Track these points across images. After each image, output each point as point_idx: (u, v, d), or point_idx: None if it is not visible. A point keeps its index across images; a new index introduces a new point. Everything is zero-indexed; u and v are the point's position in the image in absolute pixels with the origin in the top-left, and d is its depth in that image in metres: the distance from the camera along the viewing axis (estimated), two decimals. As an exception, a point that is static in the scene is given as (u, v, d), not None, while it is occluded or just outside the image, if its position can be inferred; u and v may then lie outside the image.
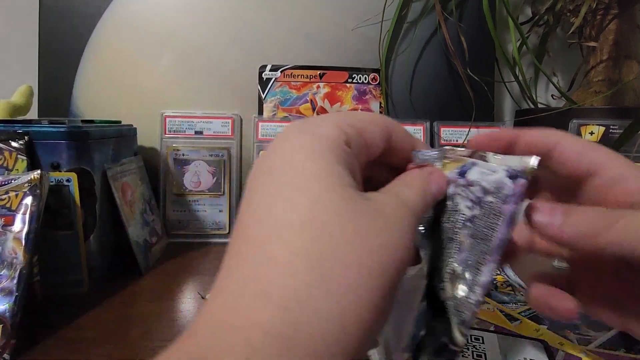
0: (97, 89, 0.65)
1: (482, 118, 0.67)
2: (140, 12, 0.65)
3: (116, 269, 0.50)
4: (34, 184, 0.38)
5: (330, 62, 0.67)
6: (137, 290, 0.46)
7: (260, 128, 0.64)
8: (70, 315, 0.39)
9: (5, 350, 0.32)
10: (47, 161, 0.43)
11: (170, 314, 0.41)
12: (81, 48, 0.64)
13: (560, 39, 0.74)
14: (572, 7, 0.61)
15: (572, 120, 0.54)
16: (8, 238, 0.36)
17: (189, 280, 0.49)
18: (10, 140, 0.42)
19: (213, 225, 0.64)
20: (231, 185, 0.64)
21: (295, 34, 0.66)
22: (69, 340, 0.36)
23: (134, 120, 0.61)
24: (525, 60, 0.74)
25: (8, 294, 0.34)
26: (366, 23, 0.66)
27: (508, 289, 0.44)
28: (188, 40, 0.65)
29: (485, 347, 0.33)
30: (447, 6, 0.65)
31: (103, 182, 0.48)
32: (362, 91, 0.67)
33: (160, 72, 0.65)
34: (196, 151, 0.64)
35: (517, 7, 0.71)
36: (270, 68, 0.66)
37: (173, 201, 0.63)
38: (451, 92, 0.68)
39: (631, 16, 0.58)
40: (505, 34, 0.72)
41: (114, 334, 0.37)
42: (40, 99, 0.64)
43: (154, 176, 0.63)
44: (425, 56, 0.68)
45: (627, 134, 0.36)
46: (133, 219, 0.52)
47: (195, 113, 0.64)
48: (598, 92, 0.58)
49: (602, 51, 0.59)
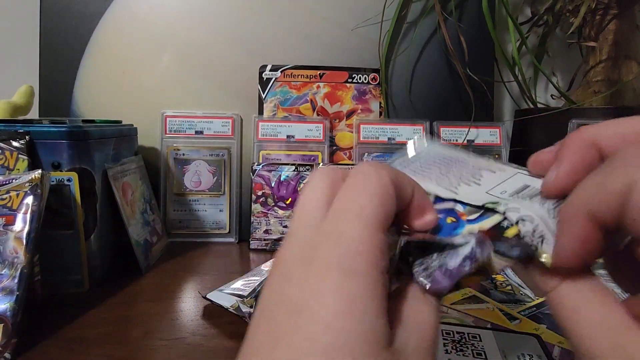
0: (98, 89, 0.65)
1: (481, 118, 0.67)
2: (141, 12, 0.65)
3: (116, 269, 0.50)
4: (34, 184, 0.38)
5: (330, 62, 0.67)
6: (137, 290, 0.46)
7: (261, 128, 0.65)
8: (70, 315, 0.39)
9: (6, 349, 0.32)
10: (48, 161, 0.43)
11: (170, 313, 0.41)
12: (82, 48, 0.64)
13: (559, 39, 0.74)
14: (571, 7, 0.61)
15: (571, 120, 0.54)
16: (9, 237, 0.36)
17: (189, 279, 0.49)
18: (11, 140, 0.42)
19: (213, 224, 0.64)
20: (231, 185, 0.64)
21: (295, 34, 0.66)
22: (69, 339, 0.36)
23: (134, 120, 0.61)
24: (524, 60, 0.75)
25: (9, 293, 0.34)
26: (366, 23, 0.66)
27: (507, 288, 0.44)
28: (188, 40, 0.65)
29: (484, 345, 0.33)
30: (447, 6, 0.65)
31: (104, 181, 0.48)
32: (362, 91, 0.67)
33: (160, 72, 0.65)
34: (196, 151, 0.64)
35: (516, 7, 0.71)
36: (271, 68, 0.66)
37: (173, 201, 0.63)
38: (451, 92, 0.68)
39: (631, 16, 0.58)
40: (504, 34, 0.72)
41: (114, 333, 0.37)
42: (41, 98, 0.64)
43: (155, 176, 0.63)
44: (425, 56, 0.68)
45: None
46: (133, 218, 0.52)
47: (196, 113, 0.65)
48: (597, 92, 0.58)
49: (602, 51, 0.59)
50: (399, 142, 0.66)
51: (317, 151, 0.65)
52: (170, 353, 0.34)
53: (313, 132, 0.65)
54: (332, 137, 0.67)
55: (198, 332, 0.37)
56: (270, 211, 0.60)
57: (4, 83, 0.70)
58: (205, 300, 0.41)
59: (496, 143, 0.66)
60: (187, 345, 0.35)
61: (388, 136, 0.66)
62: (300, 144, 0.65)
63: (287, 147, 0.65)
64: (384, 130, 0.66)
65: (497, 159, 0.22)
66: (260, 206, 0.60)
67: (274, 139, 0.65)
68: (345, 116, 0.67)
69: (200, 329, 0.38)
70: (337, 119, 0.67)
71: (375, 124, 0.66)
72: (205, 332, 0.37)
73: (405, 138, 0.66)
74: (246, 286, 0.41)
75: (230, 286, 0.43)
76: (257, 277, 0.43)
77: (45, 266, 0.40)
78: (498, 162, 0.24)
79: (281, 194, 0.60)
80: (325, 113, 0.67)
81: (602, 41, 0.59)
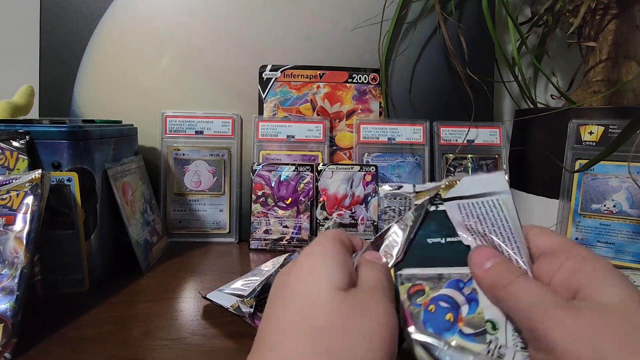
0: (98, 89, 0.65)
1: (481, 118, 0.67)
2: (141, 13, 0.65)
3: (116, 269, 0.50)
4: (35, 184, 0.38)
5: (330, 62, 0.67)
6: (137, 290, 0.46)
7: (261, 128, 0.65)
8: (71, 315, 0.39)
9: (7, 349, 0.32)
10: (48, 161, 0.43)
11: (170, 313, 0.41)
12: (82, 48, 0.64)
13: (559, 39, 0.74)
14: (571, 7, 0.61)
15: (571, 120, 0.54)
16: (9, 237, 0.36)
17: (189, 279, 0.49)
18: (12, 139, 0.42)
19: (213, 224, 0.64)
20: (231, 185, 0.64)
21: (295, 34, 0.66)
22: (69, 339, 0.36)
23: (134, 120, 0.61)
24: (524, 61, 0.75)
25: (9, 293, 0.34)
26: (366, 23, 0.66)
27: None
28: (188, 40, 0.65)
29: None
30: (447, 6, 0.65)
31: (104, 181, 0.48)
32: (362, 91, 0.67)
33: (160, 72, 0.65)
34: (196, 151, 0.64)
35: (516, 8, 0.71)
36: (271, 68, 0.66)
37: (173, 201, 0.63)
38: (451, 92, 0.68)
39: (630, 16, 0.58)
40: (504, 34, 0.72)
41: (114, 333, 0.37)
42: (41, 98, 0.64)
43: (155, 176, 0.63)
44: (425, 56, 0.68)
45: (625, 133, 0.36)
46: (134, 218, 0.52)
47: (196, 113, 0.65)
48: (597, 92, 0.58)
49: (602, 51, 0.59)
50: (399, 142, 0.66)
51: (317, 151, 0.65)
52: (170, 353, 0.34)
53: (313, 132, 0.65)
54: (332, 137, 0.67)
55: (198, 332, 0.37)
56: (270, 211, 0.60)
57: (4, 83, 0.70)
58: (206, 300, 0.41)
59: (496, 143, 0.66)
60: (187, 345, 0.35)
61: (388, 136, 0.66)
62: (300, 144, 0.65)
63: (287, 147, 0.65)
64: (384, 130, 0.66)
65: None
66: (260, 206, 0.60)
67: (274, 139, 0.65)
68: (345, 116, 0.67)
69: (200, 328, 0.38)
70: (337, 119, 0.67)
71: (375, 124, 0.66)
72: (205, 332, 0.37)
73: (406, 138, 0.66)
74: (246, 286, 0.41)
75: (230, 286, 0.43)
76: (257, 277, 0.43)
77: (46, 266, 0.40)
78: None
79: (281, 194, 0.60)
80: (325, 113, 0.67)
81: (602, 41, 0.59)
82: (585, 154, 0.53)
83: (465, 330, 0.22)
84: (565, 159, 0.55)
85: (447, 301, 0.23)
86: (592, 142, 0.53)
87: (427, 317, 0.23)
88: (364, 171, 0.61)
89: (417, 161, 0.66)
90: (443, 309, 0.23)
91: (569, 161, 0.54)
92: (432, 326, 0.22)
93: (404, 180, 0.65)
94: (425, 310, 0.23)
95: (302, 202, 0.60)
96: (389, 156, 0.66)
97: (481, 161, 0.66)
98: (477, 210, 0.23)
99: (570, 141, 0.54)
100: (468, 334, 0.22)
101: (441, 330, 0.22)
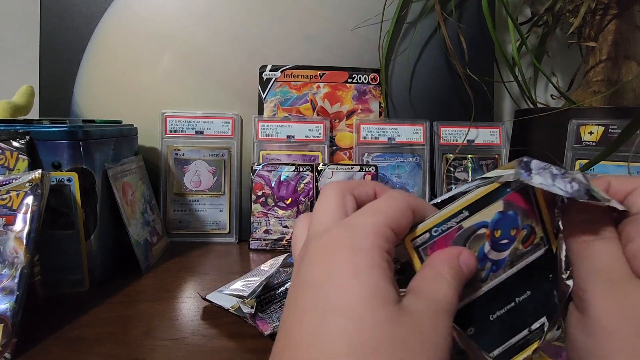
0: (98, 89, 0.65)
1: (481, 118, 0.67)
2: (141, 13, 0.65)
3: (117, 269, 0.50)
4: (35, 184, 0.38)
5: (330, 62, 0.67)
6: (137, 290, 0.46)
7: (261, 128, 0.65)
8: (71, 315, 0.39)
9: (7, 349, 0.32)
10: (48, 161, 0.43)
11: (170, 313, 0.41)
12: (82, 48, 0.64)
13: (559, 39, 0.74)
14: (571, 8, 0.61)
15: (571, 120, 0.54)
16: (9, 237, 0.36)
17: (189, 279, 0.49)
18: (12, 140, 0.42)
19: (213, 224, 0.64)
20: (231, 185, 0.64)
21: (295, 34, 0.66)
22: (69, 339, 0.36)
23: (134, 120, 0.61)
24: (524, 61, 0.75)
25: (9, 293, 0.34)
26: (366, 23, 0.66)
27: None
28: (189, 41, 0.65)
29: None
30: (447, 6, 0.65)
31: (104, 181, 0.48)
32: (362, 91, 0.67)
33: (160, 72, 0.65)
34: (196, 151, 0.64)
35: (516, 8, 0.71)
36: (271, 68, 0.66)
37: (173, 201, 0.63)
38: (451, 92, 0.68)
39: (630, 16, 0.58)
40: (504, 34, 0.72)
41: (114, 333, 0.37)
42: (41, 99, 0.64)
43: (155, 176, 0.63)
44: (425, 56, 0.68)
45: (625, 133, 0.36)
46: (134, 218, 0.52)
47: (196, 113, 0.65)
48: (597, 92, 0.58)
49: (602, 51, 0.59)
50: (399, 142, 0.66)
51: (317, 151, 0.65)
52: (170, 353, 0.34)
53: (313, 132, 0.65)
54: (332, 137, 0.67)
55: (198, 332, 0.37)
56: (270, 211, 0.60)
57: (4, 83, 0.70)
58: (205, 301, 0.41)
59: (496, 143, 0.66)
60: (187, 345, 0.35)
61: (388, 136, 0.66)
62: (300, 144, 0.65)
63: (287, 147, 0.65)
64: (384, 131, 0.66)
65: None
66: (260, 206, 0.60)
67: (274, 139, 0.65)
68: (345, 116, 0.67)
69: (201, 328, 0.38)
70: (337, 119, 0.67)
71: (375, 124, 0.66)
72: (205, 332, 0.37)
73: (406, 138, 0.66)
74: (246, 287, 0.41)
75: (229, 287, 0.43)
76: (257, 277, 0.43)
77: (46, 266, 0.40)
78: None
79: (281, 194, 0.60)
80: (325, 113, 0.67)
81: (602, 41, 0.59)
82: (585, 154, 0.53)
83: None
84: (565, 159, 0.55)
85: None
86: (592, 142, 0.53)
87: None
88: (364, 171, 0.61)
89: (417, 161, 0.66)
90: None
91: (569, 161, 0.54)
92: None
93: (404, 180, 0.65)
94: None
95: (302, 202, 0.60)
96: (389, 156, 0.66)
97: (481, 161, 0.66)
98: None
99: (570, 141, 0.54)
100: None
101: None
